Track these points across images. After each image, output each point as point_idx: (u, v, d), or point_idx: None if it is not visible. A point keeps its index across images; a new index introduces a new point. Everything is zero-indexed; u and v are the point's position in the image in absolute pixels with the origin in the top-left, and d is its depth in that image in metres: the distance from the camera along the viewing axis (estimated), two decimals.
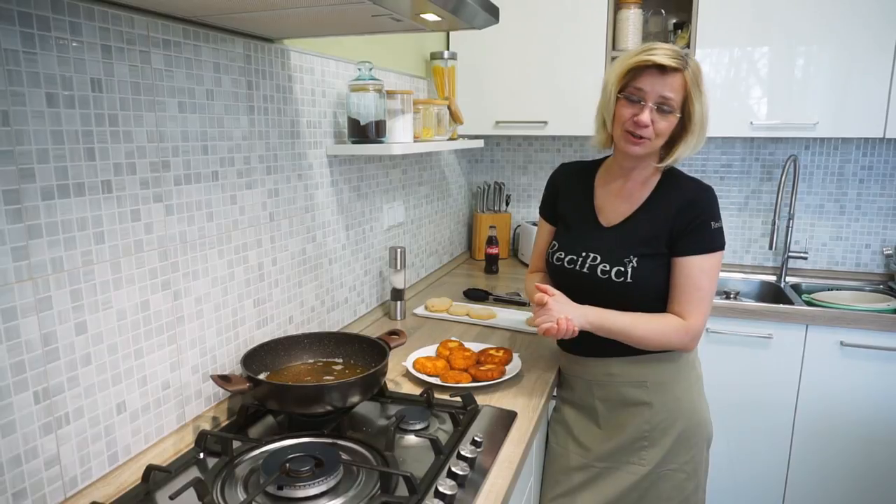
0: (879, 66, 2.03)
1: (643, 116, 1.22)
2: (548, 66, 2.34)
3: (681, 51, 1.24)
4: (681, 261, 1.29)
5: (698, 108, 1.25)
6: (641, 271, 1.29)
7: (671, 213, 1.29)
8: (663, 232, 1.29)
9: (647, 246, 1.30)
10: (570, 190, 1.46)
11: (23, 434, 0.88)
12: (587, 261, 1.34)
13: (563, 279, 1.40)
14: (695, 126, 1.26)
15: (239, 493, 1.01)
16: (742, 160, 2.56)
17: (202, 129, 1.17)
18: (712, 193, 1.30)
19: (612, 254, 1.32)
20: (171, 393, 1.15)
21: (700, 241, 1.27)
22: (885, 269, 2.45)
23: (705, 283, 1.28)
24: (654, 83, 1.21)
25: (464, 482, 1.03)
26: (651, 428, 1.35)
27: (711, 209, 1.28)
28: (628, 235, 1.32)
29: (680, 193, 1.31)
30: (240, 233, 1.30)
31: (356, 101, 1.56)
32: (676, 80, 1.22)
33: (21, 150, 0.85)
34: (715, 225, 1.28)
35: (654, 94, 1.22)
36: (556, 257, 1.41)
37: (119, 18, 0.98)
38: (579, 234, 1.40)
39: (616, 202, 1.37)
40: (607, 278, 1.31)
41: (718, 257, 1.29)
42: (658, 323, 1.29)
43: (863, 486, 2.09)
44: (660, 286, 1.31)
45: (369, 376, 1.21)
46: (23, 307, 0.87)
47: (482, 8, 1.15)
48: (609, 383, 1.38)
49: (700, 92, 1.24)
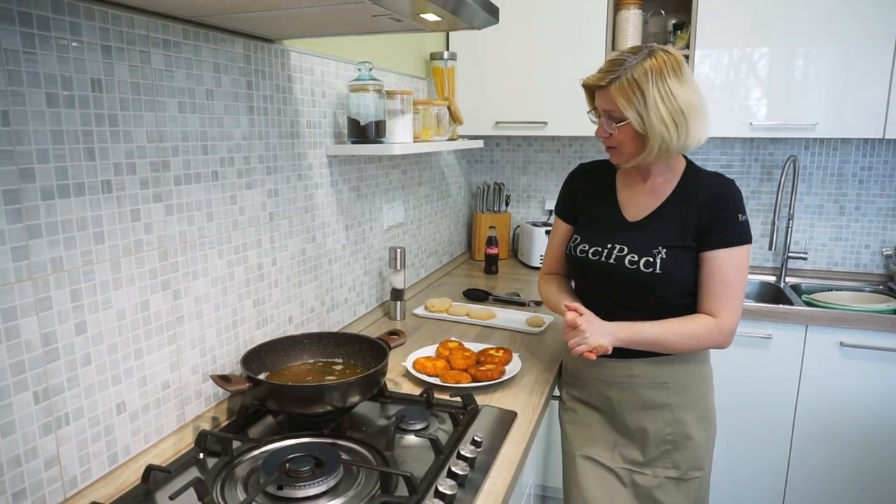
0: (879, 66, 2.04)
1: (598, 130, 1.32)
2: (547, 67, 2.34)
3: (618, 64, 1.23)
4: (708, 255, 1.28)
5: (638, 113, 1.23)
6: (670, 262, 1.28)
7: (697, 206, 1.29)
8: (690, 225, 1.29)
9: (676, 238, 1.29)
10: (592, 188, 1.46)
11: (22, 434, 0.88)
12: (613, 252, 1.34)
13: (586, 271, 1.39)
14: (653, 123, 1.22)
15: (239, 493, 1.01)
16: (742, 160, 2.56)
17: (202, 129, 1.17)
18: (736, 186, 1.31)
19: (640, 245, 1.32)
20: (170, 393, 1.15)
21: (727, 233, 1.27)
22: (885, 270, 2.45)
23: (734, 278, 1.27)
24: (598, 100, 1.30)
25: (464, 482, 1.03)
26: (673, 431, 1.34)
27: (737, 202, 1.29)
28: (656, 228, 1.32)
29: (704, 187, 1.31)
30: (239, 233, 1.30)
31: (356, 101, 1.56)
32: (606, 94, 1.27)
33: (21, 149, 0.85)
34: (742, 217, 1.28)
35: (601, 110, 1.30)
36: (580, 249, 1.39)
37: (119, 18, 0.98)
38: (604, 228, 1.39)
39: (641, 198, 1.37)
40: (636, 268, 1.30)
41: (746, 251, 1.28)
42: (690, 327, 1.28)
43: (862, 486, 2.09)
44: (687, 279, 1.30)
45: (369, 376, 1.21)
46: (22, 307, 0.87)
47: (482, 8, 1.15)
48: (629, 385, 1.36)
49: (636, 99, 1.22)
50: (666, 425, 1.34)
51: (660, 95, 1.22)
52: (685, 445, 1.34)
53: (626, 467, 1.38)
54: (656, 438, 1.34)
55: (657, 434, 1.34)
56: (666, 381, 1.34)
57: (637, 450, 1.37)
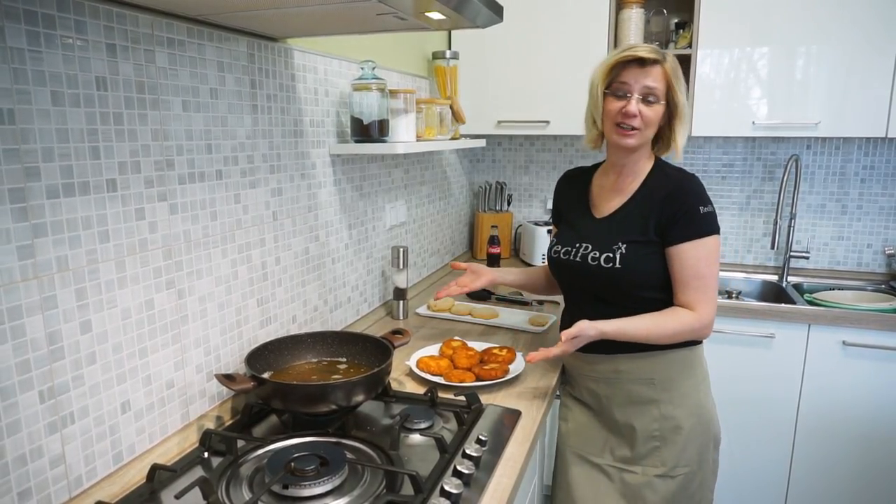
0: (881, 65, 2.03)
1: (631, 107, 1.27)
2: (549, 66, 2.34)
3: (656, 49, 1.29)
4: (675, 250, 1.29)
5: (681, 97, 1.31)
6: (630, 257, 1.30)
7: (657, 201, 1.31)
8: (651, 220, 1.31)
9: (636, 233, 1.32)
10: (570, 191, 1.51)
11: (28, 433, 0.88)
12: (580, 250, 1.37)
13: (561, 271, 1.44)
14: (682, 113, 1.32)
15: (244, 492, 1.00)
16: (744, 160, 2.56)
17: (206, 128, 1.17)
18: (697, 180, 1.32)
19: (601, 241, 1.35)
20: (175, 392, 1.15)
21: (690, 227, 1.28)
22: (887, 269, 2.45)
23: (704, 270, 1.28)
24: (636, 76, 1.28)
25: (469, 481, 1.03)
26: (660, 427, 1.34)
27: (698, 195, 1.30)
28: (618, 224, 1.35)
29: (665, 183, 1.33)
30: (243, 232, 1.30)
31: (359, 100, 1.56)
32: (657, 70, 1.28)
33: (26, 148, 0.85)
34: (704, 209, 1.29)
35: (639, 86, 1.28)
36: (554, 251, 1.44)
37: (124, 17, 0.98)
38: (575, 227, 1.43)
39: (609, 195, 1.40)
40: (597, 265, 1.33)
41: (714, 242, 1.29)
42: (671, 322, 1.29)
43: (865, 485, 2.09)
44: (649, 273, 1.32)
45: (374, 375, 1.21)
46: (28, 306, 0.86)
47: (486, 6, 1.15)
48: (616, 380, 1.38)
49: (680, 83, 1.30)
50: (653, 420, 1.34)
51: (684, 88, 1.32)
52: (673, 441, 1.34)
53: (615, 465, 1.38)
54: (644, 434, 1.35)
55: (644, 430, 1.35)
56: (652, 376, 1.35)
57: (626, 446, 1.38)
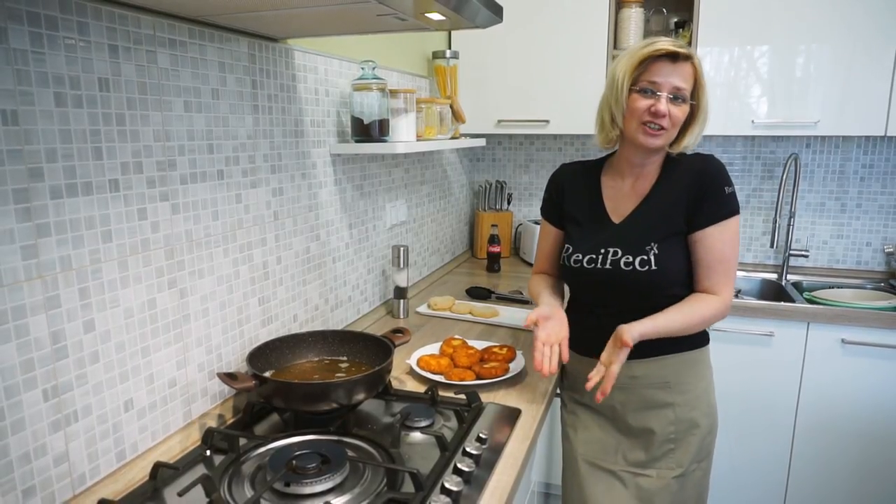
0: (880, 63, 2.04)
1: (661, 106, 1.22)
2: (549, 65, 2.34)
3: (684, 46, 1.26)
4: (701, 235, 1.27)
5: (705, 96, 1.28)
6: (664, 256, 1.27)
7: (682, 186, 1.29)
8: (679, 206, 1.28)
9: (665, 226, 1.28)
10: (576, 190, 1.43)
11: (32, 431, 0.89)
12: (608, 256, 1.31)
13: (583, 280, 1.36)
14: (703, 114, 1.29)
15: (246, 489, 1.01)
16: (743, 158, 2.56)
17: (207, 129, 1.18)
18: (718, 160, 1.31)
19: (631, 244, 1.29)
20: (177, 391, 1.16)
21: (717, 207, 1.26)
22: (886, 267, 2.46)
23: (729, 252, 1.27)
24: (666, 74, 1.23)
25: (469, 478, 1.04)
26: (676, 429, 1.33)
27: (723, 174, 1.28)
28: (642, 223, 1.31)
29: (686, 168, 1.31)
30: (245, 231, 1.31)
31: (359, 100, 1.56)
32: (687, 68, 1.24)
33: (30, 149, 0.86)
34: (728, 190, 1.27)
35: (668, 85, 1.23)
36: (574, 259, 1.35)
37: (126, 18, 0.98)
38: (593, 232, 1.36)
39: (625, 197, 1.36)
40: (631, 269, 1.28)
41: (736, 223, 1.28)
42: (699, 310, 1.27)
43: (864, 483, 2.10)
44: (681, 269, 1.29)
45: (375, 374, 1.21)
46: (32, 305, 0.87)
47: (486, 7, 1.15)
48: (631, 386, 1.34)
49: (705, 81, 1.28)
50: (669, 423, 1.33)
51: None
52: (689, 442, 1.33)
53: (629, 469, 1.36)
54: (661, 438, 1.33)
55: (662, 433, 1.33)
56: (668, 380, 1.33)
57: (640, 450, 1.35)
